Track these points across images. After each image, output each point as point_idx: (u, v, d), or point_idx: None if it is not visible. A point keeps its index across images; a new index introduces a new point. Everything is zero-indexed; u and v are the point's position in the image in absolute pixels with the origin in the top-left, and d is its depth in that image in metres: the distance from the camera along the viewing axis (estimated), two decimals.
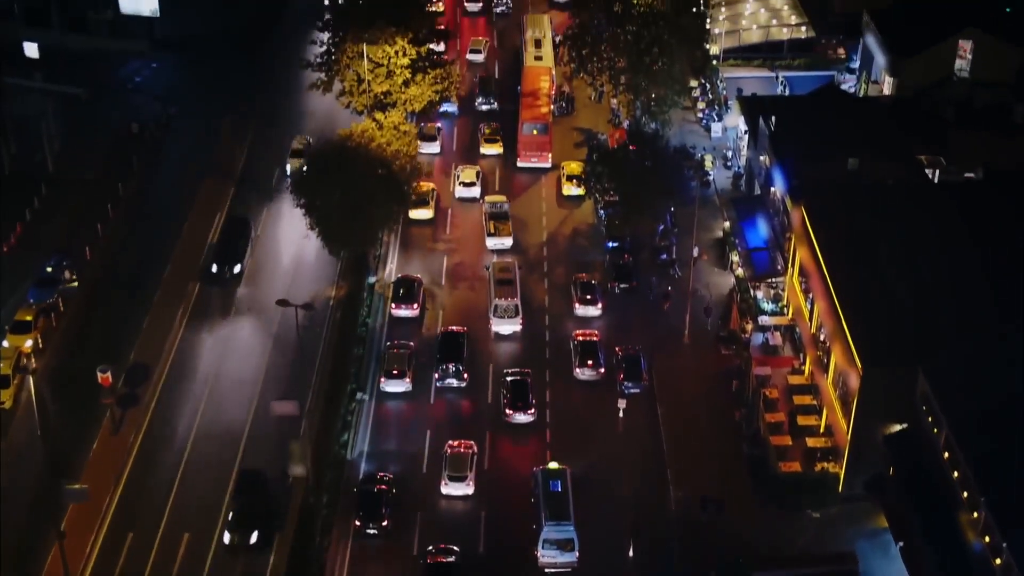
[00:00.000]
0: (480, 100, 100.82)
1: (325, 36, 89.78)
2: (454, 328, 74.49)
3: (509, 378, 70.09)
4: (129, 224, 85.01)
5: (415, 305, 77.07)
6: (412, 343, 73.58)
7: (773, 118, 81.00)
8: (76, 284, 77.77)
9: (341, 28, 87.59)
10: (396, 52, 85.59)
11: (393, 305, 77.02)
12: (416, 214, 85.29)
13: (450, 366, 70.90)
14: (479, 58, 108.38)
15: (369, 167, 75.94)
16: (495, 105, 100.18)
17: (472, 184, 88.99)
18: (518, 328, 75.86)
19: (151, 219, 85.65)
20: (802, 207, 72.32)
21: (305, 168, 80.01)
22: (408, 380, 70.55)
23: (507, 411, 68.41)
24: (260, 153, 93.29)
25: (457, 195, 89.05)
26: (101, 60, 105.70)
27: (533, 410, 68.60)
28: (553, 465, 63.51)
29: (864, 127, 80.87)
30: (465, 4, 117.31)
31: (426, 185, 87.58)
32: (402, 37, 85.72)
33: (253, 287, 79.20)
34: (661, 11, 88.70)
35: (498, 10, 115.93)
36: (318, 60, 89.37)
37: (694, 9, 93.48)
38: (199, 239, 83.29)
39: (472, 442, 66.03)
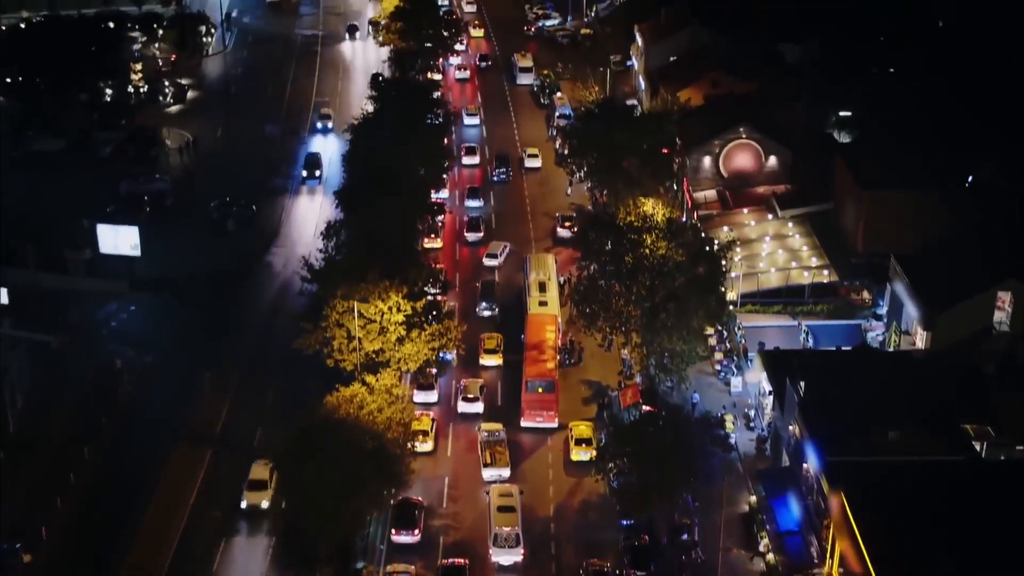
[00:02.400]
0: (483, 305, 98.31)
1: (313, 287, 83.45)
2: (456, 561, 71.01)
3: None
4: (92, 498, 76.86)
5: (416, 531, 72.60)
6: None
7: (802, 384, 73.92)
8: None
9: (330, 281, 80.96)
10: (390, 308, 78.93)
11: (393, 531, 72.62)
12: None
13: None
14: (495, 263, 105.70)
15: (358, 442, 68.37)
16: (496, 311, 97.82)
17: (476, 399, 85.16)
18: (519, 559, 70.76)
19: (117, 491, 77.50)
20: (841, 495, 64.76)
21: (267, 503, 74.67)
22: None
23: None
24: (241, 413, 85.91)
25: (460, 410, 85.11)
26: (76, 302, 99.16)
27: None
28: None
29: (901, 390, 74.01)
30: (465, 234, 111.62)
31: (425, 418, 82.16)
32: (396, 291, 79.17)
33: None
34: (677, 261, 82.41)
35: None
36: (304, 312, 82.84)
37: (711, 256, 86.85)
38: (167, 521, 75.06)
39: None
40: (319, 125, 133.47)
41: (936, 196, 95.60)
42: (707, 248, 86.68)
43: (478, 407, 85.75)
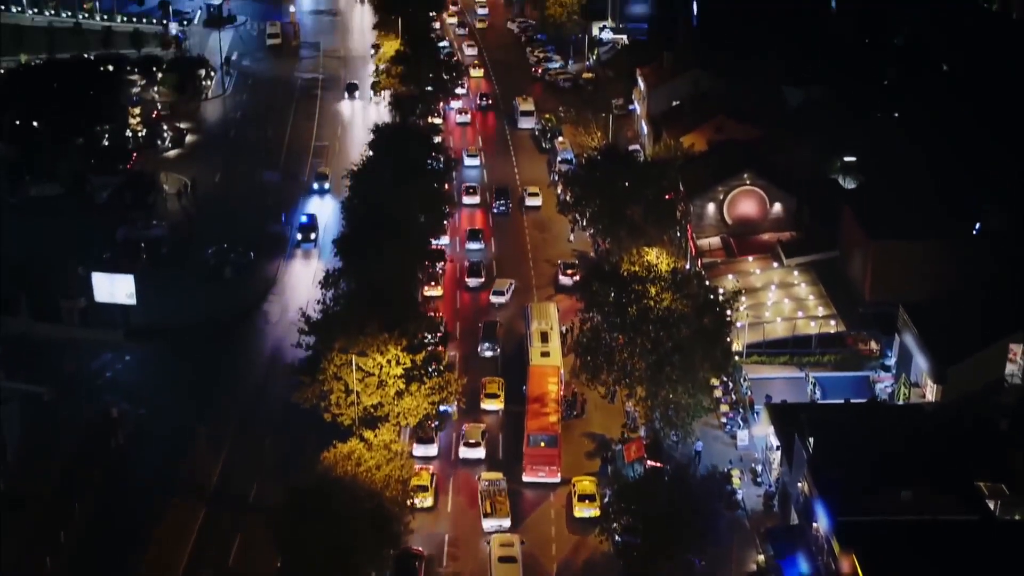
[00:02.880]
0: (485, 346, 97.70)
1: (311, 339, 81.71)
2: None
3: None
4: (83, 557, 74.79)
5: None
6: None
7: (811, 440, 72.10)
8: None
9: (328, 334, 79.27)
10: (389, 361, 77.21)
11: None
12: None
13: None
14: (502, 299, 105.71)
15: (356, 503, 66.53)
16: (498, 352, 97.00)
17: (477, 444, 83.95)
18: None
19: (108, 550, 75.44)
20: (853, 556, 62.91)
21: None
22: None
23: None
24: (236, 467, 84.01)
25: (461, 455, 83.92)
26: (70, 351, 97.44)
27: None
28: None
29: (912, 445, 72.07)
30: (466, 280, 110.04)
31: (425, 473, 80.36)
32: (395, 344, 77.47)
33: None
34: (682, 313, 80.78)
35: (496, 300, 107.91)
36: (302, 365, 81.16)
37: (716, 307, 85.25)
38: None
39: None
40: (315, 186, 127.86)
41: (944, 245, 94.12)
42: (712, 299, 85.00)
43: (480, 453, 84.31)
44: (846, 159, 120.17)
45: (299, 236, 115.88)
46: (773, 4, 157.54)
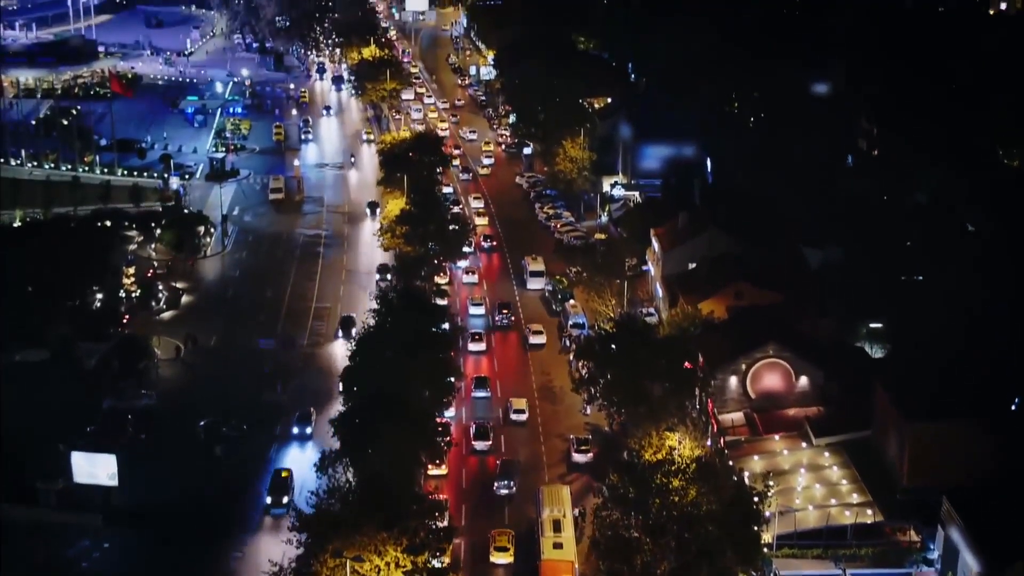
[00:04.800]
0: (501, 483, 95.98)
1: (301, 537, 74.70)
2: None
3: None
4: None
5: None
6: None
7: None
8: None
9: (322, 534, 72.35)
10: (388, 563, 70.24)
11: None
12: None
13: None
14: (522, 418, 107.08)
15: None
16: (513, 489, 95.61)
17: None
18: None
19: None
20: None
21: None
22: None
23: None
24: None
25: None
26: (44, 537, 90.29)
27: None
28: None
29: None
30: (473, 443, 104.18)
31: None
32: (395, 545, 70.57)
33: None
34: (709, 510, 73.93)
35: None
36: (292, 567, 74.06)
37: (743, 494, 78.47)
38: None
39: None
40: (295, 429, 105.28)
41: (986, 425, 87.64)
42: (740, 492, 78.20)
43: None
44: (872, 325, 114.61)
45: (268, 499, 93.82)
46: (789, 159, 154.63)
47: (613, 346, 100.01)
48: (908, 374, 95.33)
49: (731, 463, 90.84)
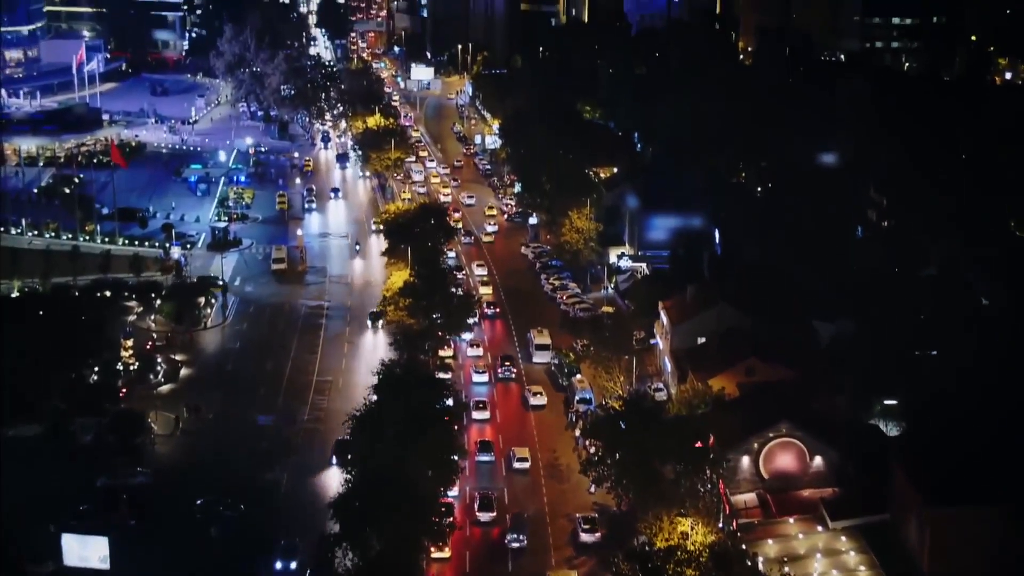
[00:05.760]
0: (511, 537, 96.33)
1: None
2: None
3: None
4: None
5: None
6: None
7: None
8: None
9: None
10: None
11: None
12: None
13: None
14: (525, 466, 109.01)
15: None
16: (524, 543, 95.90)
17: None
18: None
19: None
20: None
21: None
22: None
23: None
24: None
25: None
26: None
27: None
28: None
29: None
30: (477, 514, 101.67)
31: None
32: None
33: None
34: None
35: (513, 545, 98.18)
36: None
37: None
38: None
39: None
40: (278, 565, 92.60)
41: (1011, 511, 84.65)
42: None
43: None
44: (886, 402, 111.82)
45: None
46: (797, 230, 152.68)
47: (622, 424, 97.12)
48: (927, 455, 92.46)
49: (744, 547, 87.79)
